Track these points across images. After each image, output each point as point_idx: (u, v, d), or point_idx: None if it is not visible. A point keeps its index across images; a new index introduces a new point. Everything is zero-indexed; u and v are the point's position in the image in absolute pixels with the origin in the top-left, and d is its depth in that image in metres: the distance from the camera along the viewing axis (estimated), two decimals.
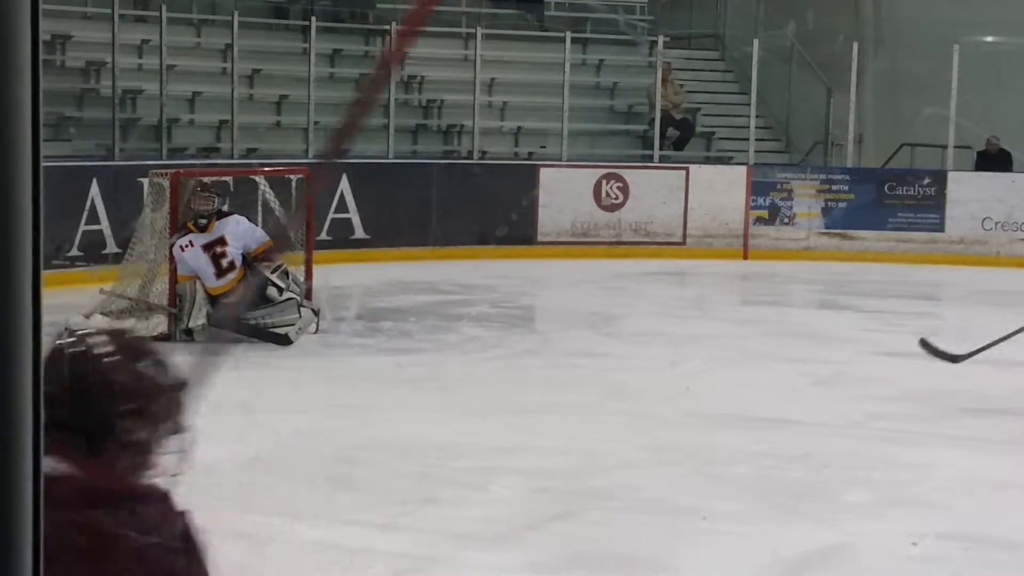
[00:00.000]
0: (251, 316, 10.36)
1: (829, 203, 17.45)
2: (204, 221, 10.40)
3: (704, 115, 19.55)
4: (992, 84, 18.13)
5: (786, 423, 8.04)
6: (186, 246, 10.37)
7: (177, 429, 2.19)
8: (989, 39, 19.23)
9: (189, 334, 10.27)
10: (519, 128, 18.44)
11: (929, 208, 17.28)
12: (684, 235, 17.15)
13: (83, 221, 13.31)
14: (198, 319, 10.27)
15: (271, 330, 10.30)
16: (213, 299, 10.38)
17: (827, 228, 17.40)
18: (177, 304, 10.31)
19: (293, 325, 10.40)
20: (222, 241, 10.40)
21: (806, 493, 6.58)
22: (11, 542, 1.10)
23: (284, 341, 10.25)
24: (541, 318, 13.59)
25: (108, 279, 11.23)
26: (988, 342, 9.46)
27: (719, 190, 17.34)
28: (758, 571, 5.46)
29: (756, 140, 18.02)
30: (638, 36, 20.29)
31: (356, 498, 6.27)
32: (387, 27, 17.66)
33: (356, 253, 15.15)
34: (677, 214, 17.15)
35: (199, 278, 10.37)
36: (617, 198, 17.07)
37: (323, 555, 5.47)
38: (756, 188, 17.37)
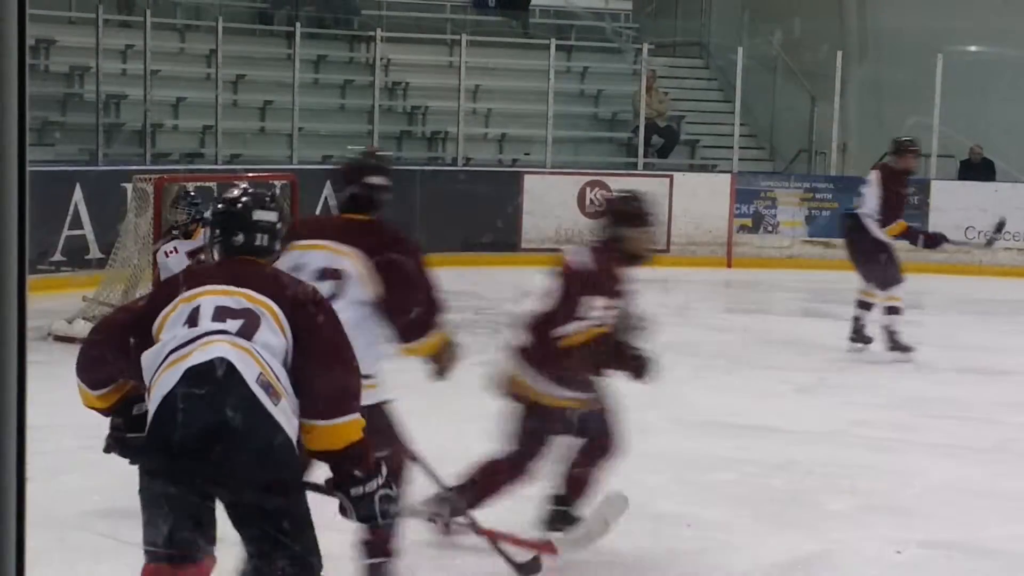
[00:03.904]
0: None
1: (813, 211, 17.49)
2: (176, 232, 10.35)
3: (688, 123, 19.58)
4: (975, 93, 18.19)
5: (769, 431, 8.04)
6: (170, 252, 10.32)
7: None
8: (972, 49, 19.28)
9: None
10: (503, 135, 18.46)
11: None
12: (668, 243, 17.14)
13: (66, 226, 13.27)
14: None
15: None
16: None
17: (811, 236, 17.43)
18: None
19: None
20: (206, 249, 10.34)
21: (789, 501, 6.58)
22: None
23: None
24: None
25: (92, 284, 11.21)
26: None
27: (703, 198, 17.36)
28: None
29: (740, 148, 18.06)
30: (623, 44, 20.32)
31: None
32: (371, 33, 17.66)
33: None
34: (661, 222, 17.14)
35: None
36: (601, 205, 17.04)
37: None
38: (740, 196, 17.40)
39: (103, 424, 3.94)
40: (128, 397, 3.79)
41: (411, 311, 4.88)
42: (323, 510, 3.81)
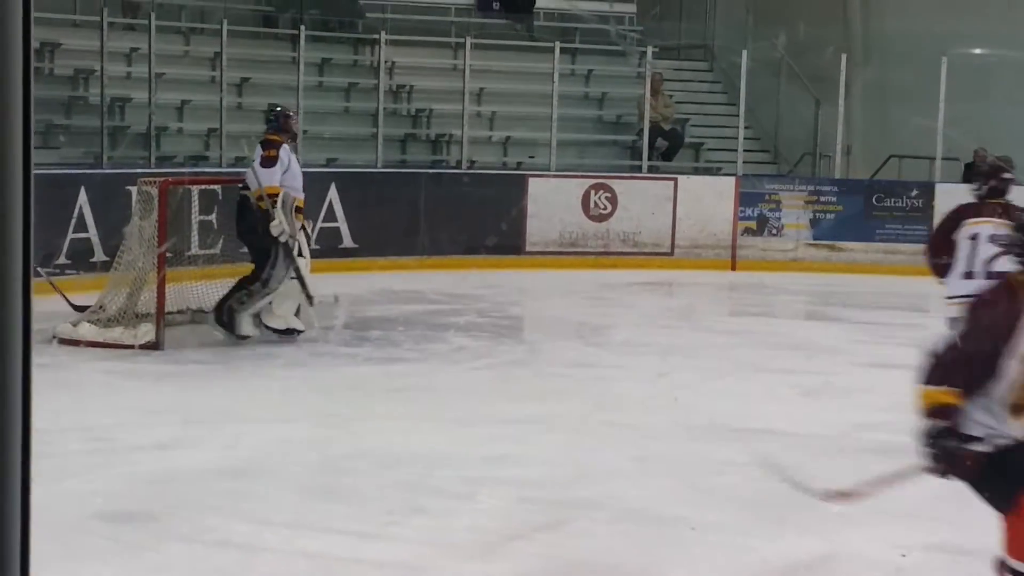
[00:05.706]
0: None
1: (817, 214, 17.48)
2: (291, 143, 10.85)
3: (693, 126, 19.57)
4: (980, 96, 18.19)
5: (774, 434, 8.03)
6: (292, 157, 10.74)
7: None
8: (977, 51, 19.28)
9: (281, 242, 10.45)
10: (508, 138, 18.46)
11: (917, 220, 17.30)
12: (672, 246, 17.16)
13: (71, 229, 13.28)
14: (288, 233, 10.36)
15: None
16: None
17: (815, 239, 17.42)
18: (273, 207, 10.33)
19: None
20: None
21: (794, 504, 6.58)
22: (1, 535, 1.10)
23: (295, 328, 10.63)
24: (529, 328, 13.59)
25: (97, 287, 11.21)
26: None
27: (707, 201, 17.36)
28: None
29: (744, 151, 18.05)
30: (627, 47, 20.31)
31: (343, 507, 6.27)
32: (376, 36, 17.66)
33: (344, 262, 15.13)
34: (665, 224, 17.16)
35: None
36: (605, 208, 17.08)
37: (310, 564, 5.46)
38: (744, 199, 17.40)
39: (107, 428, 3.94)
40: None
41: None
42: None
